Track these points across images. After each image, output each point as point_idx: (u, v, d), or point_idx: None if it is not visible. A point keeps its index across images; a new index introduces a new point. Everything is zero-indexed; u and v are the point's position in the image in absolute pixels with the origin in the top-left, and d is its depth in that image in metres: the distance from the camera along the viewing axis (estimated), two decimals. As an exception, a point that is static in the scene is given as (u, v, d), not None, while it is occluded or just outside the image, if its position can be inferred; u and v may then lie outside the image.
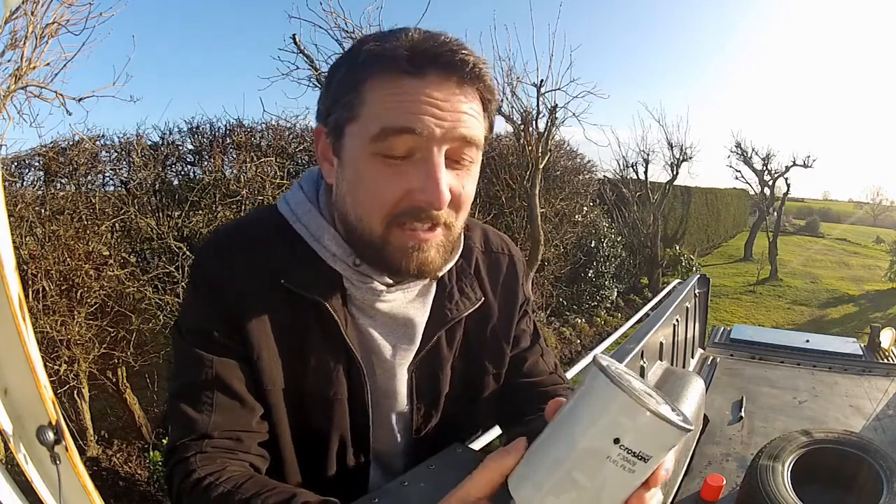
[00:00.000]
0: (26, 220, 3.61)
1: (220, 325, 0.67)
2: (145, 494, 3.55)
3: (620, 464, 0.40)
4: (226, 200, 4.25)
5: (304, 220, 0.71)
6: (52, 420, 0.87)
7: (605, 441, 0.40)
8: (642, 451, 0.40)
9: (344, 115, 0.63)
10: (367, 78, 0.61)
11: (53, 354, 3.41)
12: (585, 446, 0.41)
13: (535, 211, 5.33)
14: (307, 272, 0.69)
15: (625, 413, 0.40)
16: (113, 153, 4.50)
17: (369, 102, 0.60)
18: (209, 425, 0.65)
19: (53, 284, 3.46)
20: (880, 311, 10.17)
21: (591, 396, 0.42)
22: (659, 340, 2.23)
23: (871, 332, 3.35)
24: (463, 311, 0.77)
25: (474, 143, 0.63)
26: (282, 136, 5.02)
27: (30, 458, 0.89)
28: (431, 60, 0.59)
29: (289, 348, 0.69)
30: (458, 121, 0.60)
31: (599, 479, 0.41)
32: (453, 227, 0.67)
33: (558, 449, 0.42)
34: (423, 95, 0.59)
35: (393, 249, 0.64)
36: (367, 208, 0.64)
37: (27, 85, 3.31)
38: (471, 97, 0.62)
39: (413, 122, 0.58)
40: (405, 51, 0.59)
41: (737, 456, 2.00)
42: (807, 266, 14.43)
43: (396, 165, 0.61)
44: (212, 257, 0.71)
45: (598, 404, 0.41)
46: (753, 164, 13.81)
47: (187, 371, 0.68)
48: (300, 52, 4.31)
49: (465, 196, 0.66)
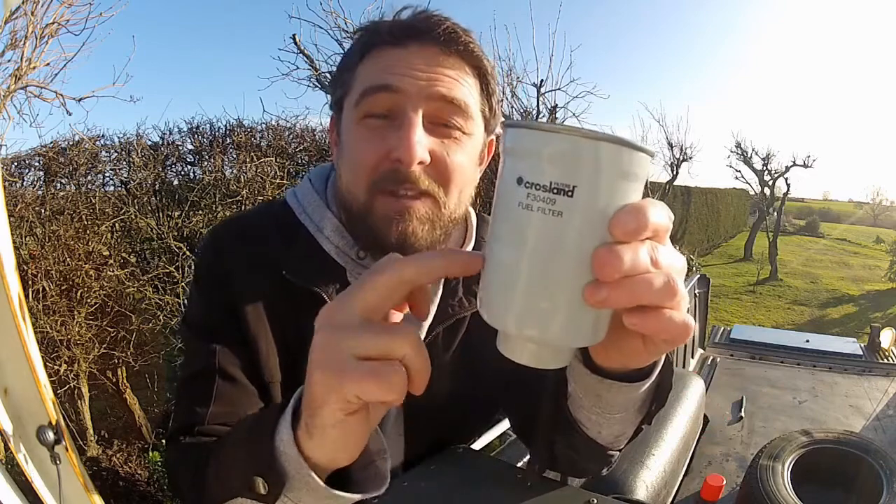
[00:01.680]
0: (26, 220, 3.61)
1: (219, 312, 0.67)
2: (145, 494, 3.55)
3: (537, 206, 0.31)
4: (226, 200, 4.25)
5: (308, 211, 0.71)
6: (52, 420, 0.87)
7: (511, 187, 0.32)
8: (553, 180, 0.30)
9: (341, 92, 0.66)
10: (361, 57, 0.64)
11: (53, 354, 3.41)
12: (502, 208, 0.33)
13: (535, 211, 5.33)
14: (308, 264, 0.68)
15: (510, 142, 0.32)
16: (113, 153, 4.52)
17: (359, 75, 0.63)
18: (206, 416, 0.65)
19: (53, 284, 3.46)
20: (880, 311, 10.18)
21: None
22: (659, 340, 2.23)
23: (871, 332, 3.36)
24: (465, 310, 0.75)
25: (459, 106, 0.62)
26: (282, 136, 5.02)
27: (30, 458, 0.89)
28: (414, 32, 0.61)
29: (286, 340, 0.69)
30: (436, 80, 0.61)
31: (526, 238, 0.31)
32: (440, 200, 0.63)
33: (490, 236, 0.35)
34: (403, 61, 0.61)
35: (376, 219, 0.63)
36: (353, 173, 0.64)
37: (27, 85, 3.31)
38: (456, 66, 0.62)
39: (389, 79, 0.60)
40: (390, 25, 0.62)
41: (737, 456, 2.00)
42: (807, 266, 14.43)
43: (377, 128, 0.62)
44: (211, 249, 0.71)
45: (502, 153, 0.34)
46: (753, 164, 13.83)
47: (190, 361, 0.68)
48: (300, 52, 4.32)
49: (453, 165, 0.62)
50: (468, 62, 0.63)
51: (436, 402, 0.78)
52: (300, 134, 5.19)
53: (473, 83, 0.64)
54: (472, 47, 0.63)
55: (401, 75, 0.60)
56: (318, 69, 4.35)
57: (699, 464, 1.95)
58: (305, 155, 4.98)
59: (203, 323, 0.68)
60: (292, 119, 5.12)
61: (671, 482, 1.69)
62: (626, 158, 0.31)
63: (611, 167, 0.31)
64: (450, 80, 0.61)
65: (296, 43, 4.27)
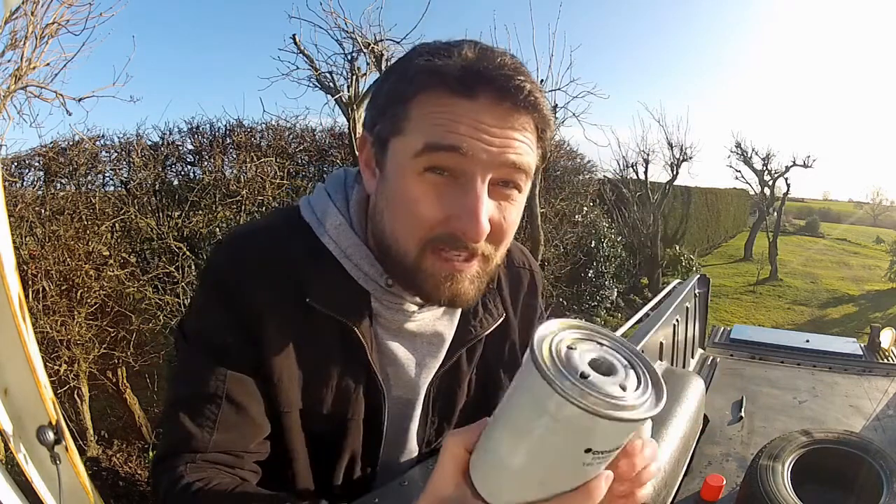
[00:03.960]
0: (26, 220, 3.61)
1: (236, 335, 0.63)
2: (145, 494, 3.55)
3: (596, 464, 0.38)
4: (226, 200, 4.25)
5: (333, 235, 0.67)
6: (52, 420, 0.87)
7: (578, 454, 0.37)
8: (616, 446, 0.38)
9: (389, 128, 0.60)
10: (416, 93, 0.58)
11: (53, 354, 3.41)
12: (558, 465, 0.38)
13: (535, 211, 5.34)
14: (334, 290, 0.65)
15: (587, 427, 0.35)
16: (113, 153, 4.51)
17: (416, 118, 0.58)
18: (208, 443, 0.62)
19: (53, 284, 3.46)
20: (880, 311, 10.17)
21: (554, 417, 0.36)
22: (659, 340, 2.23)
23: (871, 332, 3.35)
24: (486, 329, 0.76)
25: (523, 171, 0.59)
26: (282, 136, 5.02)
27: (30, 458, 0.89)
28: (485, 83, 0.56)
29: (309, 369, 0.66)
30: (507, 147, 0.57)
31: (578, 480, 0.39)
32: (492, 259, 0.63)
33: (519, 456, 0.39)
34: (472, 117, 0.56)
35: (426, 276, 0.61)
36: (404, 228, 0.61)
37: (27, 85, 3.31)
38: (523, 125, 0.58)
39: (459, 141, 0.56)
40: (458, 70, 0.56)
41: (737, 456, 2.00)
42: (807, 266, 14.43)
43: (438, 185, 0.58)
44: (229, 262, 0.66)
45: (563, 425, 0.36)
46: (753, 164, 13.82)
47: (192, 380, 0.64)
48: (300, 52, 4.31)
49: (508, 227, 0.62)
50: (534, 119, 0.60)
51: (459, 417, 0.79)
52: (300, 134, 5.19)
53: (535, 139, 0.61)
54: (542, 105, 0.59)
55: (471, 138, 0.56)
56: (318, 69, 4.35)
57: (699, 464, 1.95)
58: (305, 155, 4.98)
59: (214, 342, 0.63)
60: (292, 119, 5.13)
61: (671, 482, 1.69)
62: (649, 422, 0.41)
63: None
64: (519, 143, 0.58)
65: (296, 43, 4.27)
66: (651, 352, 2.10)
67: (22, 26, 3.16)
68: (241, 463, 0.64)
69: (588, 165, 8.77)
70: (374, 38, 4.33)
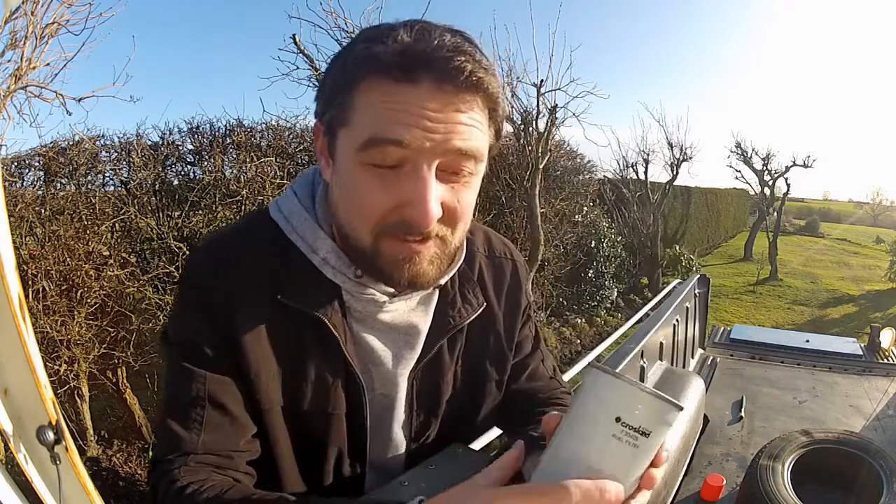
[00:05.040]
0: (26, 220, 3.61)
1: (213, 338, 0.64)
2: (145, 494, 3.55)
3: (625, 440, 0.46)
4: (226, 200, 4.25)
5: (299, 231, 0.68)
6: (52, 420, 0.87)
7: (609, 421, 0.46)
8: (641, 425, 0.46)
9: (336, 117, 0.60)
10: (358, 81, 0.57)
11: (53, 354, 3.41)
12: (592, 430, 0.47)
13: (535, 211, 5.34)
14: (304, 286, 0.66)
15: (620, 394, 0.46)
16: (113, 153, 4.51)
17: (359, 108, 0.58)
18: (197, 445, 0.63)
19: (53, 284, 3.46)
20: (880, 311, 10.18)
21: (592, 390, 0.48)
22: (659, 340, 2.24)
23: (871, 332, 3.36)
24: (465, 319, 0.76)
25: (472, 156, 0.59)
26: (282, 136, 5.02)
27: (30, 458, 0.89)
28: (424, 67, 0.55)
29: (286, 365, 0.67)
30: (451, 132, 0.56)
31: (607, 456, 0.46)
32: (448, 240, 0.64)
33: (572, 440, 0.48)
34: (414, 104, 0.55)
35: (384, 261, 0.62)
36: (356, 218, 0.62)
37: (27, 85, 3.31)
38: (470, 106, 0.57)
39: (401, 133, 0.55)
40: (396, 56, 0.55)
41: (737, 456, 2.00)
42: (807, 266, 14.43)
43: (385, 176, 0.58)
44: (203, 267, 0.68)
45: (598, 394, 0.47)
46: (753, 164, 13.83)
47: (177, 385, 0.65)
48: (300, 52, 4.32)
49: (462, 209, 0.62)
50: (481, 99, 0.58)
51: (445, 410, 0.78)
52: (300, 134, 5.18)
53: (484, 119, 0.60)
54: (488, 83, 0.57)
55: (413, 126, 0.55)
56: (318, 69, 4.35)
57: (699, 464, 1.95)
58: (305, 155, 4.98)
59: (193, 346, 0.65)
60: (292, 119, 5.12)
61: (671, 482, 1.69)
62: (673, 416, 0.47)
63: (672, 424, 0.47)
64: (465, 127, 0.57)
65: (296, 43, 4.27)
66: (651, 352, 2.10)
67: (22, 26, 3.16)
68: (233, 464, 0.65)
69: (588, 165, 8.78)
70: (374, 38, 4.32)
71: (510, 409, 0.84)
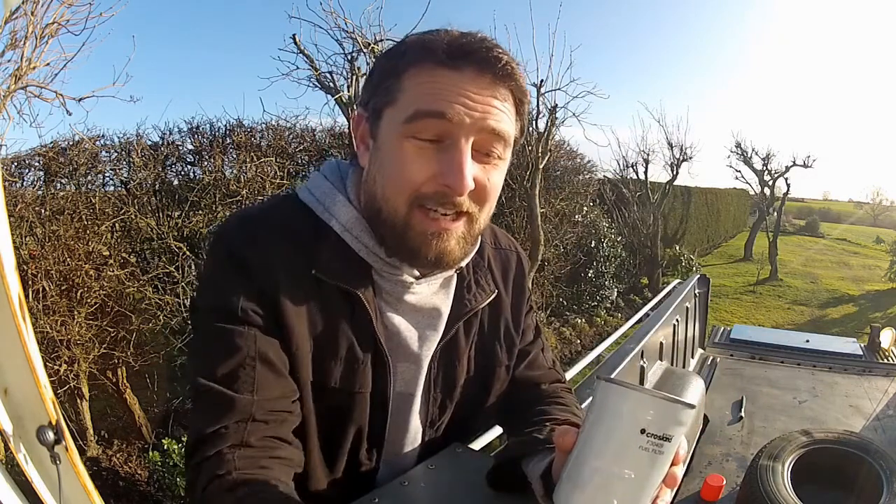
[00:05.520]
0: (26, 220, 3.61)
1: (255, 300, 0.64)
2: (145, 494, 3.55)
3: (651, 449, 0.48)
4: (226, 200, 4.25)
5: (332, 211, 0.70)
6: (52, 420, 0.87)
7: (634, 434, 0.48)
8: (664, 432, 0.48)
9: (383, 100, 0.66)
10: (407, 67, 0.64)
11: (53, 354, 3.41)
12: (619, 445, 0.49)
13: (535, 211, 5.34)
14: (339, 263, 0.68)
15: (642, 406, 0.48)
16: (113, 153, 4.51)
17: (407, 89, 0.64)
18: (252, 405, 0.60)
19: (53, 284, 3.46)
20: (880, 311, 10.18)
21: (609, 405, 0.49)
22: (659, 340, 2.24)
23: (871, 332, 3.35)
24: (480, 303, 0.79)
25: (503, 137, 0.65)
26: (282, 136, 5.02)
27: (30, 458, 0.89)
28: (468, 55, 0.62)
29: (319, 341, 0.67)
30: (488, 113, 0.63)
31: (637, 466, 0.48)
32: (476, 220, 0.69)
33: (596, 458, 0.50)
34: (458, 86, 0.62)
35: (414, 234, 0.66)
36: (395, 187, 0.65)
37: (27, 85, 3.31)
38: (503, 95, 0.65)
39: (445, 107, 0.61)
40: (445, 45, 0.63)
41: (737, 456, 2.00)
42: (807, 266, 14.43)
43: (426, 149, 0.63)
44: (240, 235, 0.67)
45: (617, 409, 0.49)
46: (753, 164, 13.83)
47: (219, 350, 0.62)
48: (300, 52, 4.31)
49: (491, 188, 0.67)
50: (513, 92, 0.66)
51: (457, 393, 0.80)
52: (300, 134, 5.19)
53: (513, 110, 0.67)
54: (519, 76, 0.65)
55: (455, 104, 0.62)
56: (318, 69, 4.35)
57: (699, 464, 1.95)
58: (305, 155, 4.98)
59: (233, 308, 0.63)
60: (292, 119, 5.13)
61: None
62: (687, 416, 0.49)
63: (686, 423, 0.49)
64: (499, 112, 0.64)
65: (296, 43, 4.27)
66: (651, 352, 2.10)
67: (22, 26, 3.16)
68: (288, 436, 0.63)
69: (588, 165, 8.79)
70: (373, 38, 4.34)
71: (510, 395, 0.87)
